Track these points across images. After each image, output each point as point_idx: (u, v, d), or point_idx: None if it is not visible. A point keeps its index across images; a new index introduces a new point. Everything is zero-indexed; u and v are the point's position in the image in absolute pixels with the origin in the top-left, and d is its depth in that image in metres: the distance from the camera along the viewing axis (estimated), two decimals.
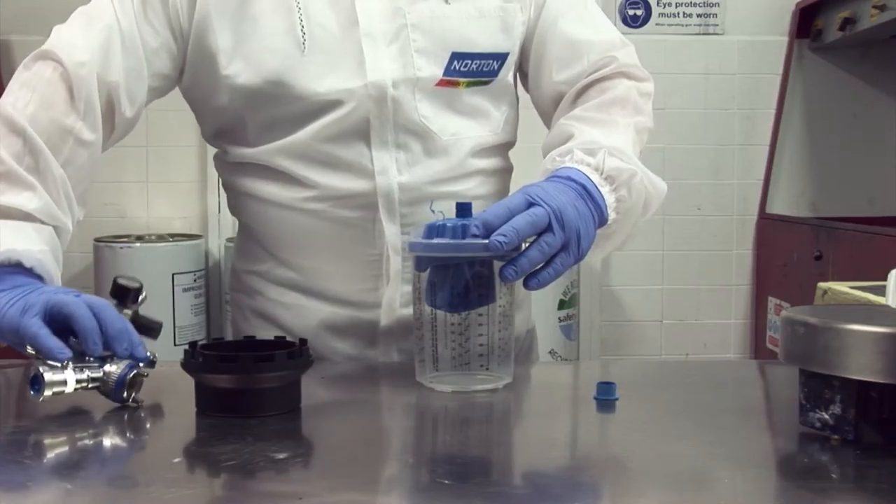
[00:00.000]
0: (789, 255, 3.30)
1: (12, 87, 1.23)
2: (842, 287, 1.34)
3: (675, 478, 0.83)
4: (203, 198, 3.54)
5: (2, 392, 1.16)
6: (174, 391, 1.09)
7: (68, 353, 1.02)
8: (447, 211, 1.11)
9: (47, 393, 0.99)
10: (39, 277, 1.14)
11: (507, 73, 1.36)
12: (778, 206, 3.60)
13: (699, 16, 3.62)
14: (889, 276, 1.17)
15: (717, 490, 0.81)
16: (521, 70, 1.42)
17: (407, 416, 1.09)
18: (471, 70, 1.30)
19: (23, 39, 3.36)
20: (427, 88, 1.28)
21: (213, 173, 3.48)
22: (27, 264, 1.13)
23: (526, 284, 1.10)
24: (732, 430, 0.99)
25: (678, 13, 3.61)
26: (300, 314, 1.35)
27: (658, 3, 3.61)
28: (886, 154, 3.59)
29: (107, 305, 1.07)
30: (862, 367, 0.85)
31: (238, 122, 1.31)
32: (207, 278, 3.44)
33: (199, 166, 3.52)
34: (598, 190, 1.18)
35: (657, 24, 3.61)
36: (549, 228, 1.08)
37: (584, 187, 1.17)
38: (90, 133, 1.23)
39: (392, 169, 1.28)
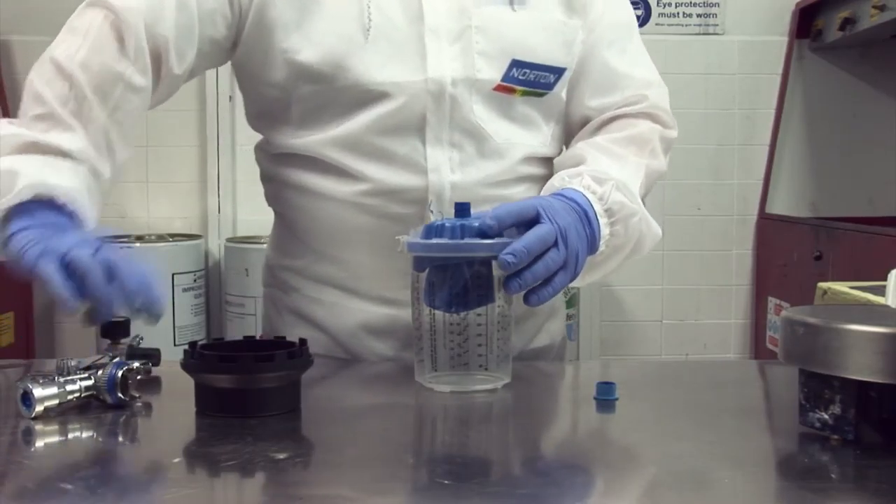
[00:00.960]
0: (789, 255, 3.30)
1: (64, 35, 1.21)
2: (842, 287, 1.34)
3: (675, 478, 0.83)
4: (203, 198, 3.54)
5: (2, 392, 1.16)
6: (174, 391, 1.09)
7: (76, 305, 0.99)
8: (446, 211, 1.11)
9: (39, 408, 0.97)
10: (71, 215, 1.10)
11: (562, 88, 1.36)
12: (778, 206, 3.59)
13: (699, 16, 3.62)
14: (889, 276, 1.18)
15: (717, 490, 0.81)
16: None
17: (406, 416, 1.09)
18: (528, 79, 1.30)
19: (23, 39, 3.36)
20: (484, 91, 1.28)
21: (213, 173, 3.49)
22: (59, 200, 1.09)
23: (526, 300, 1.10)
24: (732, 430, 0.99)
25: (678, 13, 3.61)
26: (337, 313, 1.34)
27: (658, 3, 3.61)
28: (886, 154, 3.59)
29: (124, 261, 1.03)
30: (862, 367, 0.85)
31: (283, 104, 1.29)
32: (207, 278, 3.44)
33: (199, 166, 3.52)
34: (597, 220, 1.19)
35: (657, 24, 3.61)
36: (554, 245, 1.09)
37: (585, 213, 1.18)
38: (141, 78, 1.22)
39: (445, 167, 1.27)
